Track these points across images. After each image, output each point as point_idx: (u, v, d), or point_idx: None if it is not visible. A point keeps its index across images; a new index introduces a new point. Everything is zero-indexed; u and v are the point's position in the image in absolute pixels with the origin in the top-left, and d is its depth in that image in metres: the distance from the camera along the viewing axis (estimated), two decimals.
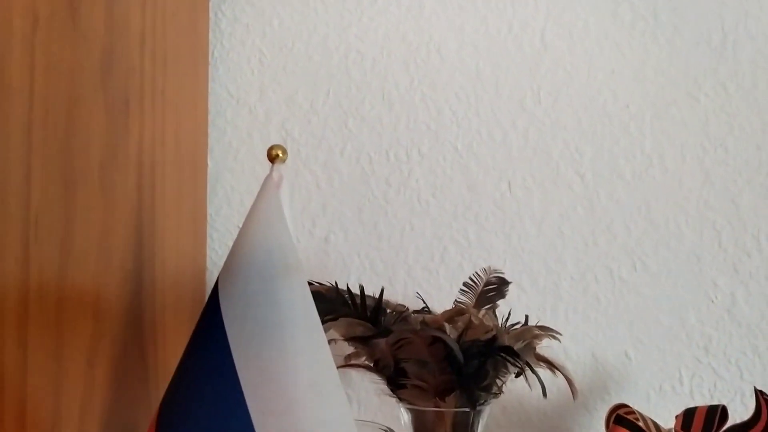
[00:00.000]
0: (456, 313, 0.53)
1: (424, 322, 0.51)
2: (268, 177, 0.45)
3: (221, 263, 0.45)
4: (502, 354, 0.52)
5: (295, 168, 0.78)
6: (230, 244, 0.50)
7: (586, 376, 0.76)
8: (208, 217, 0.77)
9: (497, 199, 0.77)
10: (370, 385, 0.62)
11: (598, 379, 0.76)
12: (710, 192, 0.75)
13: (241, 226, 0.44)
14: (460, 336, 0.51)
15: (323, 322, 0.53)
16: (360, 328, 0.54)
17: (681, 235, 0.76)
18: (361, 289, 0.55)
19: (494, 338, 0.52)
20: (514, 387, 0.63)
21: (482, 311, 0.55)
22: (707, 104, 0.75)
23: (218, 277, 0.44)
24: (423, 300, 0.64)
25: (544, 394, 0.50)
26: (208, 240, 0.74)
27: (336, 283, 0.55)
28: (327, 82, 0.78)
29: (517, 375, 0.64)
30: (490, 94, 0.77)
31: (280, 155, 0.46)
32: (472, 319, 0.51)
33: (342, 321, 0.53)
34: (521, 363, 0.52)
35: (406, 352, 0.53)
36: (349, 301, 0.53)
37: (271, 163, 0.46)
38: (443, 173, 0.77)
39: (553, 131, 0.76)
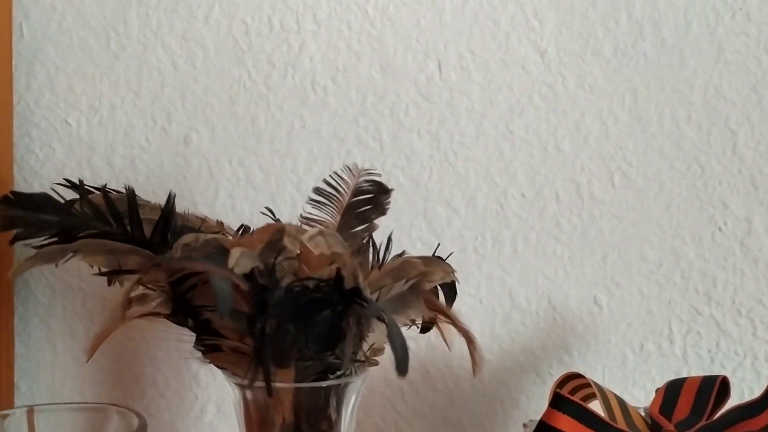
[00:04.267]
0: (276, 232, 0.32)
1: (210, 244, 0.30)
2: None
3: None
4: (356, 300, 0.31)
5: (142, 40, 0.57)
6: None
7: (540, 330, 0.56)
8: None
9: (422, 84, 0.55)
10: None
11: (555, 334, 0.56)
12: (724, 70, 0.53)
13: None
14: (271, 270, 0.30)
15: (61, 242, 0.33)
16: (134, 258, 0.33)
17: (681, 134, 0.54)
18: (130, 191, 0.33)
19: (339, 277, 0.31)
20: (436, 341, 0.43)
21: (316, 235, 0.33)
22: None
23: None
24: (272, 215, 0.43)
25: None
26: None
27: (82, 183, 0.33)
28: None
29: (423, 331, 0.44)
30: None
31: None
32: (293, 244, 0.30)
33: (95, 245, 0.32)
34: (385, 316, 0.31)
35: (204, 296, 0.33)
36: (109, 214, 0.32)
37: None
38: (347, 48, 0.56)
39: None
